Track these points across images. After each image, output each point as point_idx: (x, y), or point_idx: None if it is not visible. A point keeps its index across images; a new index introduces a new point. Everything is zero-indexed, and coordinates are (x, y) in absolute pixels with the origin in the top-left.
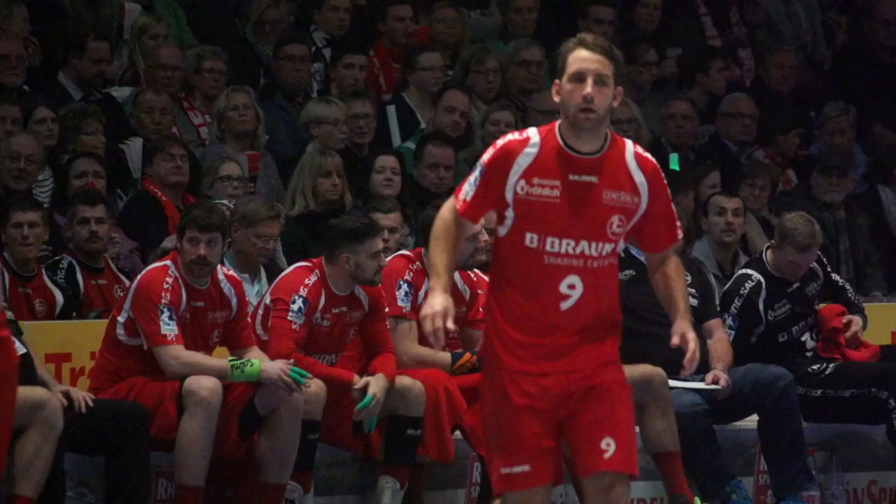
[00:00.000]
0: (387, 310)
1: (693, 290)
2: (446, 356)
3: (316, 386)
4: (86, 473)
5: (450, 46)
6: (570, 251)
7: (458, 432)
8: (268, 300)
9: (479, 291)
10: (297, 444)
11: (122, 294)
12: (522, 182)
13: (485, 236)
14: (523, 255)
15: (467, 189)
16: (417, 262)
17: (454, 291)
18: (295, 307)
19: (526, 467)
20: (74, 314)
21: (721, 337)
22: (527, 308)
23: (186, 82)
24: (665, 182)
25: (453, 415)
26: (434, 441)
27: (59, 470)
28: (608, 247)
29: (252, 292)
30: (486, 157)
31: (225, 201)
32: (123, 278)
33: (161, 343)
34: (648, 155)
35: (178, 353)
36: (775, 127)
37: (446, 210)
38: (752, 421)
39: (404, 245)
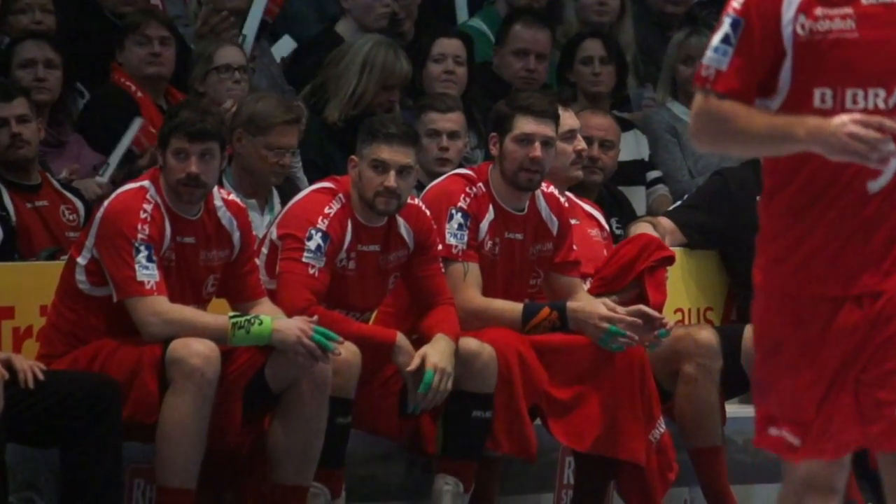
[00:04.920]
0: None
1: None
2: (517, 309)
3: (348, 352)
4: (34, 472)
5: None
6: (882, 105)
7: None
8: (274, 236)
9: (574, 221)
10: (322, 431)
11: (73, 218)
12: (802, 17)
13: (581, 143)
14: None
15: (717, 57)
16: (480, 185)
17: (538, 223)
18: (312, 245)
19: (794, 438)
20: (17, 254)
21: None
22: (818, 200)
23: None
24: None
25: (532, 393)
26: (505, 429)
27: (0, 464)
28: None
29: (261, 224)
30: (735, 3)
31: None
32: (71, 196)
33: (137, 293)
34: None
35: (159, 308)
36: None
37: (700, 106)
38: None
39: (469, 160)
